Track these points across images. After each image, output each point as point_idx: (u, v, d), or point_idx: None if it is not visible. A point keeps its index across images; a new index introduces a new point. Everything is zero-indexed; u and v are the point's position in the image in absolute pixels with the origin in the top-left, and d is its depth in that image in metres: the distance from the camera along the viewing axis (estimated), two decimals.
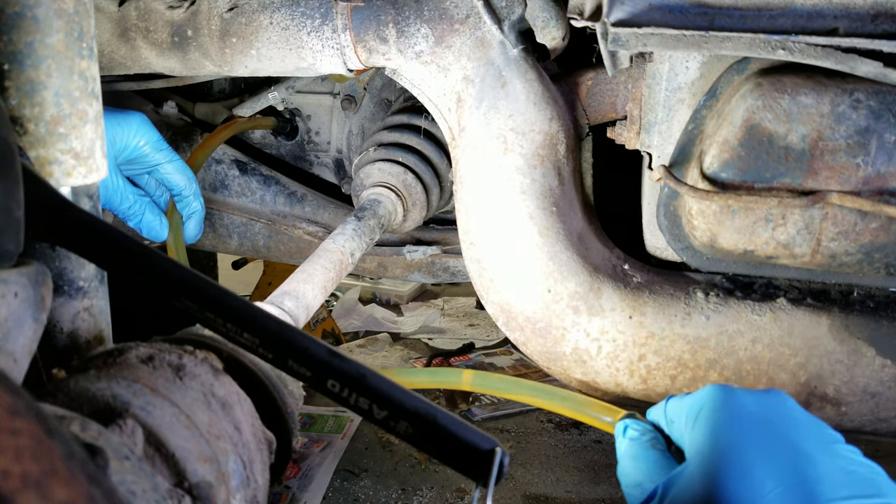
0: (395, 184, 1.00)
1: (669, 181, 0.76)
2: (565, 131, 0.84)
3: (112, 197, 0.90)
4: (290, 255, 1.17)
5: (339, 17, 0.84)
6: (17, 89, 0.46)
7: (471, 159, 0.83)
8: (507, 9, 0.81)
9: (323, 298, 0.80)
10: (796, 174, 0.71)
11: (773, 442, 0.49)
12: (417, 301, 2.02)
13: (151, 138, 0.92)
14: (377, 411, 0.41)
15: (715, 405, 0.53)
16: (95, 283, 0.52)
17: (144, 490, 0.35)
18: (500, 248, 0.82)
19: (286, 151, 1.27)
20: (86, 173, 0.50)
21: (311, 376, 0.42)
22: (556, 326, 0.82)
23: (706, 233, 0.77)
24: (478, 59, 0.83)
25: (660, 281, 0.84)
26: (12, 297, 0.37)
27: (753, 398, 0.53)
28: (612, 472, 1.19)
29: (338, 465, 1.17)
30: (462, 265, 1.10)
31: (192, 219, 1.00)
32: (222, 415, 0.46)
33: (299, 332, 0.42)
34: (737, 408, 0.52)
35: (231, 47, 0.88)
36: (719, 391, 0.54)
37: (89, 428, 0.36)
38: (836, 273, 0.80)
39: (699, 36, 0.64)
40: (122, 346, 0.48)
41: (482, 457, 0.40)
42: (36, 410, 0.24)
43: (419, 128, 1.04)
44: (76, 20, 0.48)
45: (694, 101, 0.77)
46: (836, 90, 0.69)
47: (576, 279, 0.81)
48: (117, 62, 0.93)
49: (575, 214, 0.85)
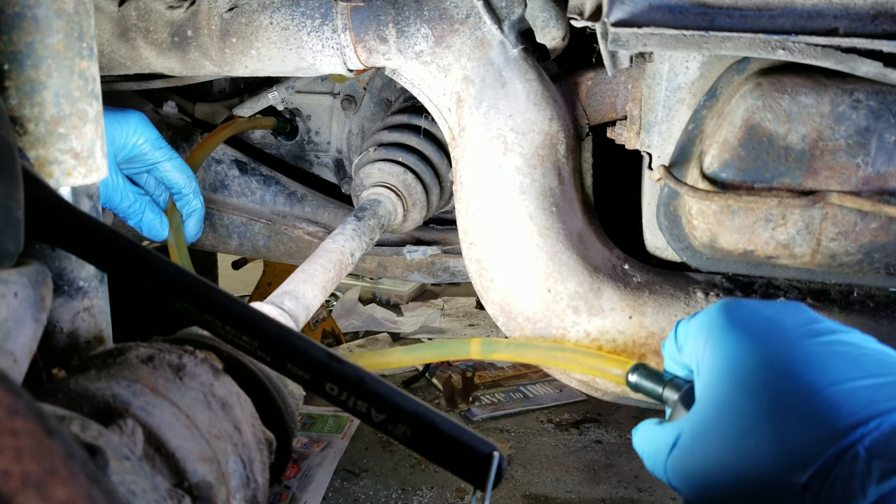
0: (395, 184, 1.00)
1: (669, 181, 0.76)
2: (565, 131, 0.84)
3: (112, 196, 0.90)
4: (290, 255, 1.17)
5: (339, 17, 0.84)
6: (17, 89, 0.46)
7: (471, 159, 0.83)
8: (507, 9, 0.81)
9: (323, 298, 0.80)
10: (796, 174, 0.71)
11: (793, 337, 0.46)
12: (417, 301, 2.02)
13: (150, 136, 0.92)
14: (375, 414, 0.41)
15: (726, 319, 0.49)
16: (95, 283, 0.52)
17: (144, 490, 0.35)
18: (500, 248, 0.82)
19: (286, 151, 1.27)
20: (86, 173, 0.50)
21: (310, 379, 0.42)
22: (556, 326, 0.82)
23: (706, 233, 0.77)
24: (478, 59, 0.83)
25: (660, 281, 0.84)
26: (12, 297, 0.37)
27: (765, 307, 0.50)
28: (611, 472, 1.19)
29: (338, 465, 1.17)
30: (462, 265, 1.10)
31: (193, 217, 1.00)
32: (222, 415, 0.46)
33: (298, 334, 0.42)
34: (747, 313, 0.49)
35: (231, 47, 0.88)
36: (729, 303, 0.51)
37: (89, 428, 0.36)
38: (836, 273, 0.79)
39: (699, 36, 0.64)
40: (122, 346, 0.48)
41: (480, 460, 0.40)
42: (36, 410, 0.24)
43: (419, 128, 1.04)
44: (76, 20, 0.48)
45: (694, 101, 0.77)
46: (836, 90, 0.69)
47: (576, 279, 0.81)
48: (117, 62, 0.93)
49: (575, 214, 0.85)
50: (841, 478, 0.39)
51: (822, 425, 0.41)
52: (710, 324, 0.50)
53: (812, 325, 0.47)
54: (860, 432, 0.40)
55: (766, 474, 0.42)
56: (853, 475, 0.39)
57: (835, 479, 0.39)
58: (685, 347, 0.53)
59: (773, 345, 0.46)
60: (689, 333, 0.53)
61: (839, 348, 0.45)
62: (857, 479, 0.39)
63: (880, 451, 0.39)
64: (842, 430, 0.40)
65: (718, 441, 0.45)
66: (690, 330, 0.53)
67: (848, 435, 0.40)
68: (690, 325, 0.53)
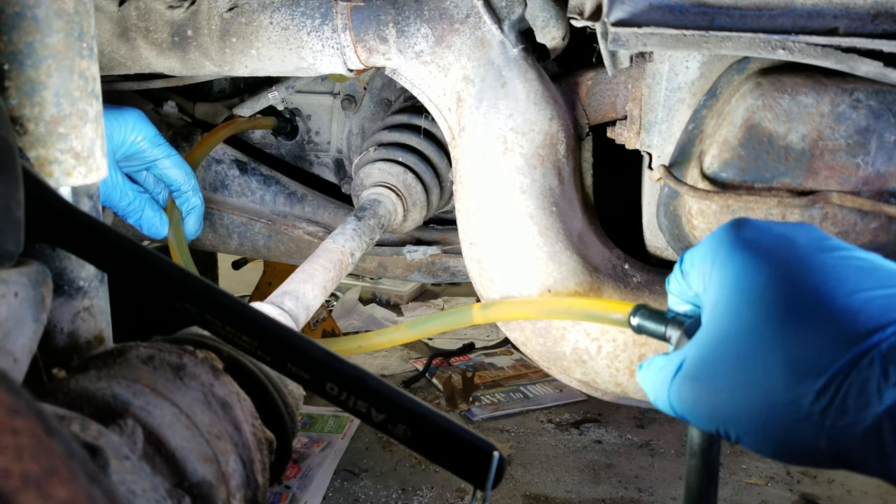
0: (395, 184, 1.00)
1: (669, 181, 0.76)
2: (565, 131, 0.84)
3: (111, 194, 0.90)
4: (290, 255, 1.17)
5: (339, 17, 0.84)
6: (17, 89, 0.46)
7: (471, 159, 0.83)
8: (507, 9, 0.81)
9: (323, 298, 0.80)
10: (796, 174, 0.71)
11: (803, 255, 0.43)
12: (417, 301, 2.02)
13: (148, 134, 0.92)
14: (375, 414, 0.41)
15: (735, 236, 0.46)
16: (95, 283, 0.52)
17: (144, 490, 0.35)
18: (500, 247, 0.82)
19: (286, 151, 1.27)
20: (86, 173, 0.50)
21: (310, 379, 0.42)
22: (555, 326, 0.82)
23: (706, 232, 0.77)
24: (478, 59, 0.83)
25: (660, 281, 0.84)
26: (12, 297, 0.37)
27: (776, 224, 0.47)
28: (612, 472, 1.19)
29: (338, 465, 1.17)
30: (462, 265, 1.10)
31: (192, 214, 0.99)
32: (222, 415, 0.46)
33: (298, 334, 0.42)
34: (761, 229, 0.46)
35: (231, 47, 0.88)
36: (738, 221, 0.48)
37: (89, 428, 0.36)
38: None
39: (699, 36, 0.64)
40: (122, 346, 0.48)
41: (480, 460, 0.40)
42: (36, 410, 0.24)
43: (419, 128, 1.04)
44: (76, 20, 0.48)
45: (694, 100, 0.77)
46: (836, 90, 0.69)
47: (576, 279, 0.81)
48: (117, 62, 0.93)
49: (575, 214, 0.85)
50: (857, 383, 0.38)
51: (837, 332, 0.40)
52: (716, 244, 0.47)
53: (826, 241, 0.45)
54: (877, 338, 0.38)
55: (778, 387, 0.40)
56: (870, 379, 0.37)
57: (850, 385, 0.38)
58: (690, 274, 0.50)
59: (786, 258, 0.44)
60: (694, 260, 0.49)
61: (854, 262, 0.43)
62: (873, 383, 0.37)
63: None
64: (858, 336, 0.39)
65: (725, 358, 0.43)
66: (696, 256, 0.49)
67: (864, 340, 0.39)
68: (696, 250, 0.50)
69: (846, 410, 0.38)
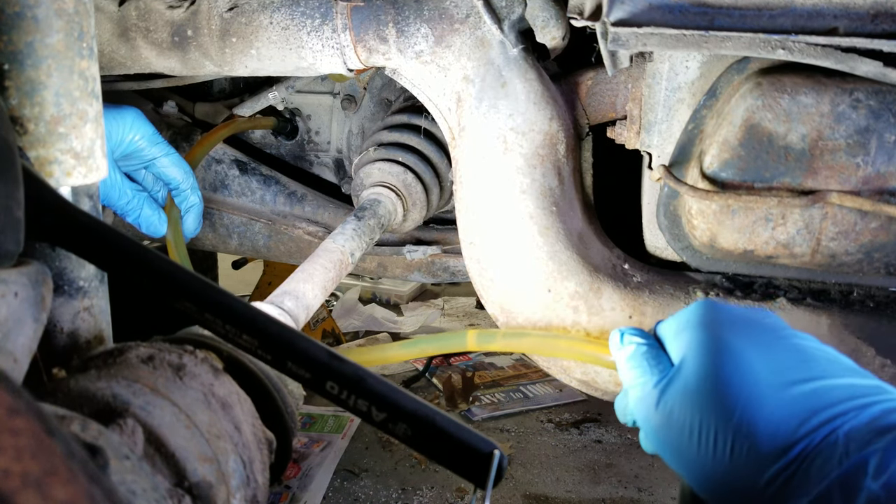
0: (395, 183, 1.00)
1: (669, 181, 0.76)
2: (565, 131, 0.84)
3: (110, 192, 0.90)
4: (290, 255, 1.17)
5: (339, 17, 0.84)
6: (17, 89, 0.46)
7: (471, 159, 0.83)
8: (507, 8, 0.81)
9: (323, 298, 0.80)
10: (796, 174, 0.71)
11: (763, 335, 0.50)
12: (417, 301, 2.02)
13: (146, 132, 0.92)
14: (376, 413, 0.41)
15: (702, 312, 0.54)
16: (95, 283, 0.52)
17: (144, 489, 0.35)
18: (500, 247, 0.82)
19: (286, 151, 1.27)
20: (86, 173, 0.50)
21: (310, 378, 0.42)
22: (555, 326, 0.82)
23: (706, 232, 0.77)
24: (478, 59, 0.83)
25: (660, 281, 0.84)
26: (12, 297, 0.37)
27: (740, 309, 0.54)
28: (612, 472, 1.19)
29: (338, 464, 1.17)
30: (462, 265, 1.10)
31: (191, 213, 0.99)
32: (222, 414, 0.46)
33: (298, 333, 0.42)
34: (724, 312, 0.53)
35: (231, 47, 0.88)
36: (706, 302, 0.55)
37: (89, 427, 0.36)
38: (836, 273, 0.80)
39: (699, 35, 0.64)
40: (122, 346, 0.48)
41: (480, 459, 0.40)
42: (36, 410, 0.24)
43: (419, 128, 1.04)
44: (76, 20, 0.48)
45: (694, 100, 0.77)
46: (835, 90, 0.69)
47: (576, 279, 0.81)
48: (117, 62, 0.93)
49: (575, 214, 0.85)
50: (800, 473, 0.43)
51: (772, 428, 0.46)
52: (686, 320, 0.55)
53: (786, 329, 0.52)
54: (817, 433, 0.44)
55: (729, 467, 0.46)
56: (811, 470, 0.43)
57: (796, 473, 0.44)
58: (664, 340, 0.58)
59: (749, 341, 0.50)
60: (668, 328, 0.57)
61: (809, 349, 0.51)
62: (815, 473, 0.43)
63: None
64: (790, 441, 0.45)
65: (678, 434, 0.49)
66: (671, 326, 0.57)
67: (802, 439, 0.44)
68: (669, 322, 0.57)
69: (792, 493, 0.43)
